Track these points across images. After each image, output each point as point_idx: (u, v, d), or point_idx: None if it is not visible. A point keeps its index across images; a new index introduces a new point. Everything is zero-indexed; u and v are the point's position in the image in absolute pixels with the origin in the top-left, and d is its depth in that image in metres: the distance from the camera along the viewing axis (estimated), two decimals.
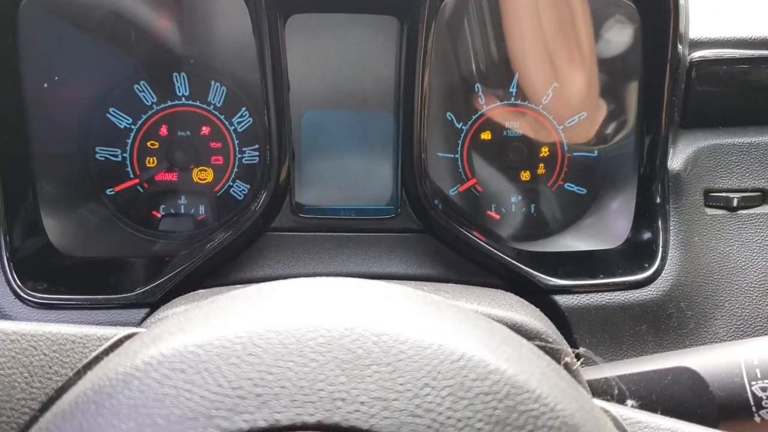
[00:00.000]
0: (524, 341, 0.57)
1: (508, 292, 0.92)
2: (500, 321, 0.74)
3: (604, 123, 1.27)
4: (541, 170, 1.31)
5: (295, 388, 0.44)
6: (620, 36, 1.20)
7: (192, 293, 0.90)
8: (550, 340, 0.74)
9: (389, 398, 0.44)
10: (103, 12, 1.18)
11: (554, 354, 0.66)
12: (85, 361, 0.61)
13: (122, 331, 0.64)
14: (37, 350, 0.60)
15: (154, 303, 1.06)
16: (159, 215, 1.29)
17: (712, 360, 0.73)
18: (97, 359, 0.61)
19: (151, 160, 1.28)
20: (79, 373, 0.60)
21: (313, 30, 1.20)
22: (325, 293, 0.56)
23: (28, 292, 1.04)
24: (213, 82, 1.27)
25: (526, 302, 0.89)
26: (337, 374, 0.45)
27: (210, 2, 1.19)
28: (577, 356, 0.76)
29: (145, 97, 1.26)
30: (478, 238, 1.15)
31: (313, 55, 1.22)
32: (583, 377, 0.73)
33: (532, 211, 1.31)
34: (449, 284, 0.92)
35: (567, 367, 0.66)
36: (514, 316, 0.77)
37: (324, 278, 0.61)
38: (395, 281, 1.15)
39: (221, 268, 1.17)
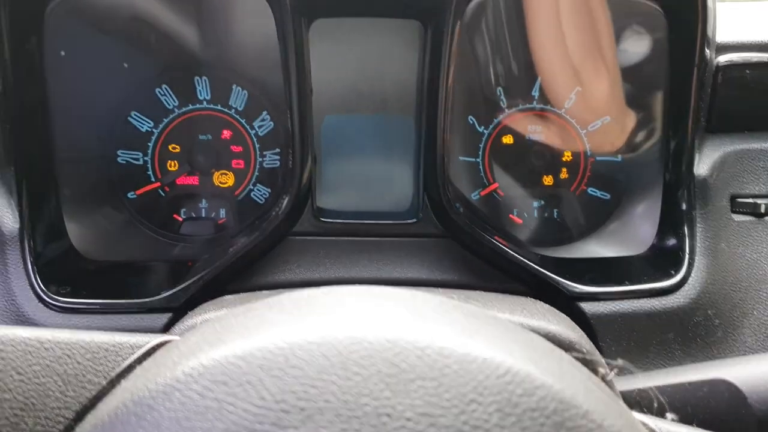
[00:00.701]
0: (563, 353, 0.56)
1: (537, 300, 0.91)
2: (534, 330, 0.73)
3: (628, 127, 1.26)
4: (563, 175, 1.30)
5: (340, 402, 0.43)
6: (646, 40, 1.19)
7: (219, 299, 0.89)
8: (585, 350, 0.73)
9: (435, 414, 0.43)
10: (126, 16, 1.18)
11: (591, 365, 0.65)
12: (119, 369, 0.60)
13: (155, 339, 0.63)
14: (71, 358, 0.59)
15: (177, 307, 1.06)
16: (180, 219, 1.28)
17: (750, 372, 0.71)
18: (131, 368, 0.60)
19: (173, 164, 1.28)
20: (113, 382, 0.59)
21: (336, 34, 1.19)
22: (363, 303, 0.55)
23: (52, 296, 1.04)
24: (234, 86, 1.27)
25: (555, 310, 0.88)
26: (381, 389, 0.44)
27: (232, 6, 1.19)
28: (610, 366, 0.75)
29: (166, 100, 1.26)
30: (501, 243, 1.14)
31: (336, 58, 1.22)
32: (617, 389, 0.72)
33: (555, 216, 1.30)
34: (477, 291, 0.91)
35: (603, 379, 0.65)
36: (548, 326, 0.76)
37: (361, 287, 0.60)
38: (420, 287, 1.14)
39: (243, 272, 1.17)
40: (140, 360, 0.61)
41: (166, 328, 1.04)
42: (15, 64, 1.03)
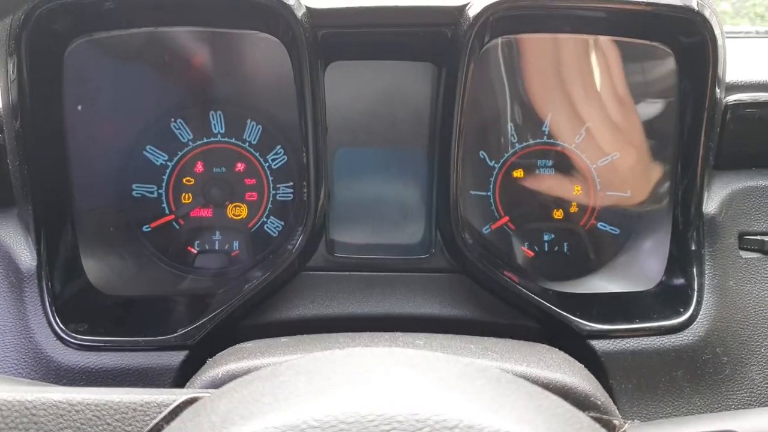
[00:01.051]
0: (585, 418, 0.57)
1: (553, 348, 0.93)
2: (551, 384, 0.75)
3: (638, 164, 1.27)
4: (573, 209, 1.31)
5: None
6: (655, 78, 1.20)
7: (238, 347, 0.91)
8: (600, 402, 0.74)
9: None
10: (142, 53, 1.19)
11: (608, 424, 0.67)
12: (146, 430, 0.62)
13: (180, 397, 0.64)
14: (101, 420, 0.61)
15: (192, 345, 1.07)
16: (194, 251, 1.30)
17: (759, 425, 0.73)
18: (158, 428, 0.62)
19: (187, 196, 1.29)
20: None
21: (351, 74, 1.21)
22: (390, 372, 0.56)
23: (70, 334, 1.05)
24: (249, 120, 1.28)
25: (570, 359, 0.89)
26: None
27: (249, 44, 1.20)
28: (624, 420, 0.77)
29: (181, 134, 1.28)
30: (512, 280, 1.15)
31: (350, 96, 1.23)
32: None
33: (566, 250, 1.31)
34: (493, 339, 0.92)
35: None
36: (564, 378, 0.77)
37: (383, 349, 0.62)
38: (433, 324, 1.16)
39: (257, 307, 1.18)
40: (167, 419, 0.62)
41: (182, 366, 1.06)
42: (34, 102, 1.05)
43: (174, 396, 0.65)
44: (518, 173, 1.30)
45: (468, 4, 1.07)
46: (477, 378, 0.57)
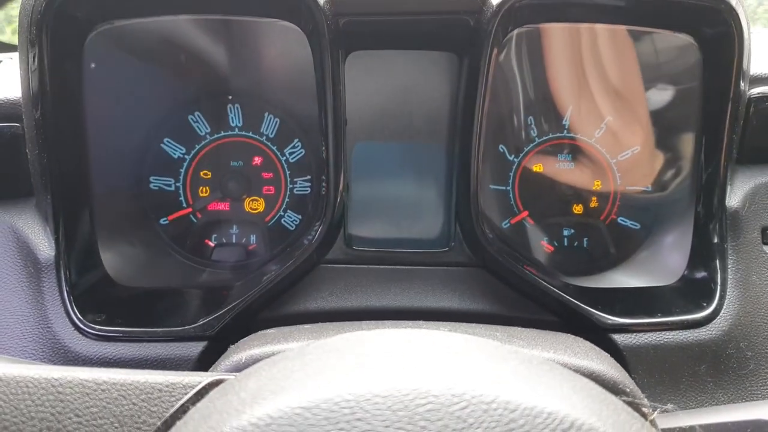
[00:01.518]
0: (617, 401, 0.56)
1: (578, 337, 0.92)
2: (579, 370, 0.74)
3: (659, 158, 1.26)
4: (593, 204, 1.30)
5: None
6: (678, 71, 1.19)
7: (260, 334, 0.90)
8: (629, 390, 0.73)
9: None
10: (161, 44, 1.19)
11: (638, 409, 0.65)
12: (173, 410, 0.61)
13: (205, 378, 0.64)
14: (126, 399, 0.60)
15: (211, 336, 1.06)
16: (212, 244, 1.29)
17: None
18: (184, 408, 0.61)
19: (204, 190, 1.29)
20: (167, 423, 0.60)
21: (371, 65, 1.20)
22: (421, 350, 0.55)
23: (88, 324, 1.04)
24: (266, 114, 1.28)
25: (596, 348, 0.88)
26: None
27: (266, 35, 1.20)
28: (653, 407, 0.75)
29: (199, 127, 1.27)
30: (532, 273, 1.14)
31: (369, 88, 1.23)
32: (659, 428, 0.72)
33: (585, 245, 1.30)
34: (517, 328, 0.91)
35: (652, 423, 0.65)
36: (591, 365, 0.76)
37: (415, 330, 0.61)
38: (453, 317, 1.15)
39: (275, 299, 1.17)
40: (193, 400, 0.61)
41: (200, 357, 1.05)
42: (54, 91, 1.04)
43: (200, 378, 0.64)
44: (538, 167, 1.29)
45: None
46: (510, 358, 0.56)
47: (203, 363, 1.05)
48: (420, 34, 1.17)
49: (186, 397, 0.61)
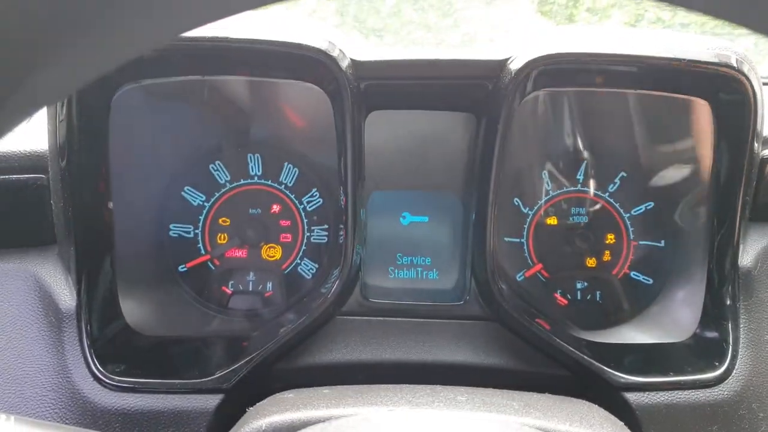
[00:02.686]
0: None
1: (593, 405, 0.92)
2: None
3: (673, 214, 1.27)
4: (606, 257, 1.31)
5: None
6: (692, 131, 1.20)
7: (278, 397, 0.91)
8: None
9: None
10: (186, 99, 1.21)
11: None
12: None
13: None
14: None
15: (228, 389, 1.08)
16: (229, 291, 1.31)
17: None
18: None
19: (222, 237, 1.31)
20: None
21: (391, 123, 1.22)
22: None
23: (108, 375, 1.06)
24: (286, 164, 1.30)
25: (611, 417, 0.89)
26: None
27: (291, 92, 1.22)
28: None
29: (219, 175, 1.30)
30: (545, 329, 1.15)
31: (389, 143, 1.25)
32: None
33: (598, 299, 1.31)
34: (534, 395, 0.92)
35: None
36: None
37: (431, 414, 0.62)
38: (466, 371, 1.16)
39: (291, 350, 1.19)
40: None
41: (217, 410, 1.06)
42: (80, 144, 1.06)
43: None
44: (552, 220, 1.31)
45: (510, 58, 1.08)
46: None
47: (220, 416, 1.06)
48: (440, 96, 1.19)
49: None
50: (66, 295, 1.11)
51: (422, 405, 0.78)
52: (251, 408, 0.87)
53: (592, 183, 1.30)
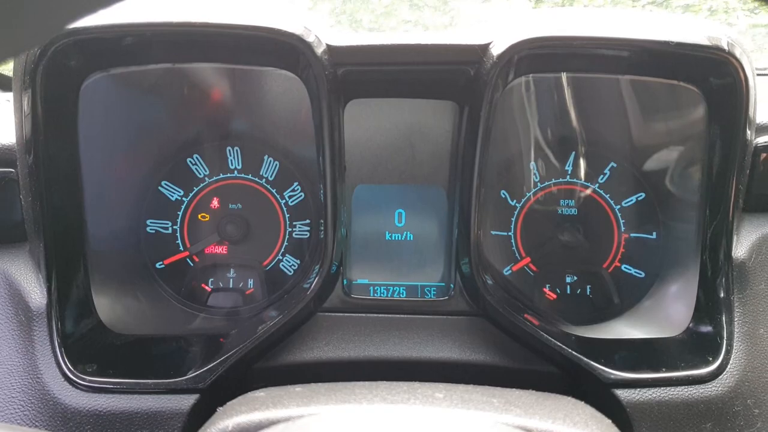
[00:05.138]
0: None
1: (578, 402, 0.89)
2: None
3: (665, 205, 1.24)
4: (596, 251, 1.27)
5: None
6: (683, 118, 1.17)
7: (249, 396, 0.87)
8: None
9: None
10: (158, 88, 1.18)
11: None
12: None
13: None
14: None
15: (204, 389, 1.04)
16: (208, 289, 1.27)
17: None
18: None
19: (202, 233, 1.27)
20: None
21: (370, 112, 1.19)
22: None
23: (79, 375, 1.02)
24: (266, 157, 1.26)
25: (597, 414, 0.85)
26: None
27: (267, 82, 1.18)
28: None
29: (197, 169, 1.26)
30: (533, 324, 1.11)
31: (369, 133, 1.21)
32: None
33: (588, 293, 1.28)
34: (516, 391, 0.88)
35: None
36: None
37: (404, 410, 0.59)
38: (451, 367, 1.12)
39: (271, 349, 1.15)
40: None
41: (192, 411, 1.03)
42: (48, 138, 1.03)
43: None
44: (540, 213, 1.27)
45: (491, 42, 1.04)
46: None
47: (194, 417, 1.02)
48: (420, 83, 1.15)
49: None
50: (36, 293, 1.07)
51: (398, 402, 0.75)
52: (221, 408, 0.84)
53: (581, 174, 1.26)
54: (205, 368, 1.04)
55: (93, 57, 1.05)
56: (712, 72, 1.07)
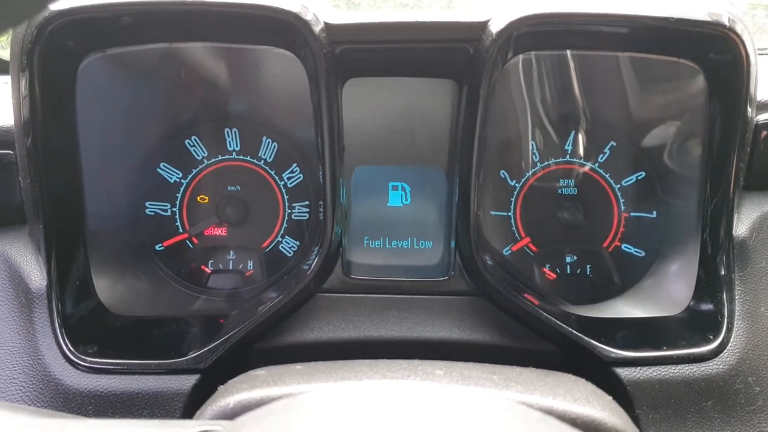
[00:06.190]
0: None
1: (579, 378, 0.89)
2: (579, 419, 0.71)
3: (665, 184, 1.23)
4: (596, 230, 1.27)
5: None
6: (683, 96, 1.16)
7: (250, 374, 0.87)
8: None
9: None
10: (156, 69, 1.17)
11: None
12: None
13: (188, 430, 0.61)
14: None
15: (204, 369, 1.04)
16: (208, 271, 1.27)
17: None
18: None
19: (201, 215, 1.27)
20: None
21: (369, 91, 1.18)
22: (408, 406, 0.53)
23: (79, 356, 1.02)
24: (264, 138, 1.26)
25: (598, 391, 0.85)
26: None
27: (265, 61, 1.18)
28: None
29: (196, 151, 1.26)
30: (533, 304, 1.11)
31: (368, 113, 1.20)
32: None
33: (588, 273, 1.27)
34: (516, 368, 0.88)
35: None
36: (593, 412, 0.73)
37: (403, 383, 0.58)
38: (451, 347, 1.12)
39: (271, 329, 1.15)
40: None
41: (193, 391, 1.03)
42: (46, 119, 1.02)
43: (182, 429, 0.61)
44: (539, 193, 1.27)
45: (490, 19, 1.03)
46: (502, 420, 0.53)
47: (195, 397, 1.02)
48: (418, 61, 1.14)
49: None
50: (36, 275, 1.07)
51: (397, 379, 0.75)
52: (221, 386, 0.84)
53: (581, 153, 1.26)
54: (206, 348, 1.04)
55: (89, 37, 1.04)
56: (713, 48, 1.06)
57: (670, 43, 1.09)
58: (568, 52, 1.13)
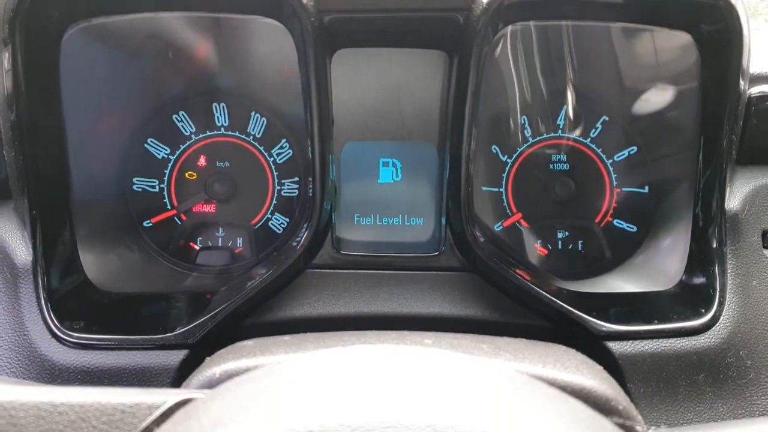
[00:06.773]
0: (606, 423, 0.53)
1: (569, 348, 0.88)
2: (569, 387, 0.70)
3: (657, 159, 1.22)
4: (588, 206, 1.26)
5: None
6: (676, 69, 1.15)
7: (237, 345, 0.86)
8: (622, 407, 0.70)
9: None
10: (143, 41, 1.15)
11: (632, 430, 0.62)
12: None
13: (172, 398, 0.60)
14: (86, 422, 0.57)
15: (193, 344, 1.03)
16: (197, 248, 1.26)
17: None
18: (148, 431, 0.58)
19: (189, 191, 1.25)
20: None
21: (358, 63, 1.17)
22: (396, 369, 0.52)
23: (66, 332, 1.01)
24: (253, 113, 1.24)
25: (588, 360, 0.84)
26: None
27: (253, 34, 1.16)
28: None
29: (183, 127, 1.24)
30: (524, 278, 1.10)
31: (357, 86, 1.19)
32: None
33: (580, 248, 1.27)
34: (506, 339, 0.87)
35: None
36: (583, 381, 0.72)
37: (392, 348, 0.57)
38: (442, 322, 1.11)
39: (260, 305, 1.14)
40: (158, 422, 0.58)
41: (181, 366, 1.02)
42: (29, 92, 1.01)
43: (165, 397, 0.60)
44: (531, 168, 1.26)
45: None
46: (492, 381, 0.52)
47: (183, 372, 1.01)
48: (408, 31, 1.13)
49: (150, 419, 0.58)
50: (22, 250, 1.06)
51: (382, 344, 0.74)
52: (209, 357, 0.83)
53: (572, 128, 1.25)
54: (194, 324, 1.03)
55: (73, 6, 1.02)
56: (706, 18, 1.05)
57: (663, 13, 1.07)
58: (559, 23, 1.12)
